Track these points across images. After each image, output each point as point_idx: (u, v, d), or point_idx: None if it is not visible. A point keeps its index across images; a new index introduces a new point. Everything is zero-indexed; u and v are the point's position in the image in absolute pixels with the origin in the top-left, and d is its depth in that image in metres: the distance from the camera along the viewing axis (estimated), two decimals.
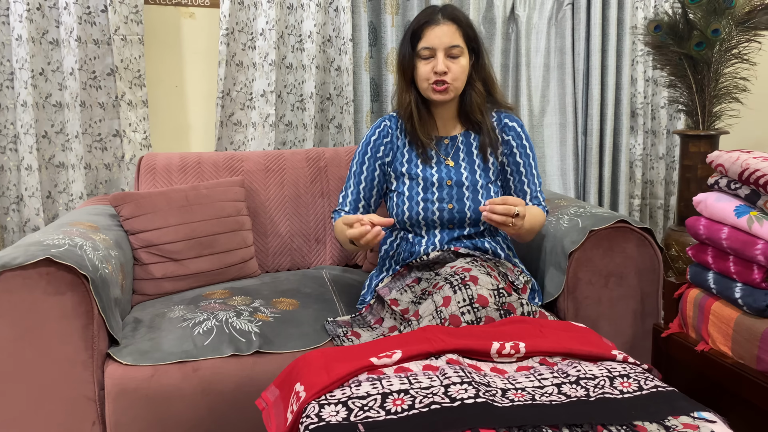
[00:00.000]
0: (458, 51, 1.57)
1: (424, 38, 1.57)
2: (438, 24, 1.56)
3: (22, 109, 2.17)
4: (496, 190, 1.66)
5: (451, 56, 1.57)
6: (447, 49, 1.56)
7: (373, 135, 1.70)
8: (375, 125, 1.72)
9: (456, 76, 1.57)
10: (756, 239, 1.32)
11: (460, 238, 1.63)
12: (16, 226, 2.26)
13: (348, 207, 1.70)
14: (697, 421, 0.98)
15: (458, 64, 1.57)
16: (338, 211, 1.72)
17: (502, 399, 1.05)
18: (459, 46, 1.56)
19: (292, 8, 2.44)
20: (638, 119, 2.90)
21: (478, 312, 1.34)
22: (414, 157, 1.66)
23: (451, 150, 1.67)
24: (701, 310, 1.48)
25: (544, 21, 2.73)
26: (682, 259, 2.53)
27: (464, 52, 1.58)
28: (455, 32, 1.56)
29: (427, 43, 1.56)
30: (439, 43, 1.55)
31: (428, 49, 1.56)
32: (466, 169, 1.64)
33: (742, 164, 1.36)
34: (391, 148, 1.69)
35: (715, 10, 2.39)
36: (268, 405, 1.21)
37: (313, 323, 1.59)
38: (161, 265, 1.78)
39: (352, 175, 1.71)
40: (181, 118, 2.49)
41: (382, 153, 1.68)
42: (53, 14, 2.21)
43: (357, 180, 1.70)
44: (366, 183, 1.69)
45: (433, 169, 1.64)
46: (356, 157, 1.71)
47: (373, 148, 1.69)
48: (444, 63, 1.55)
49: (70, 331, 1.37)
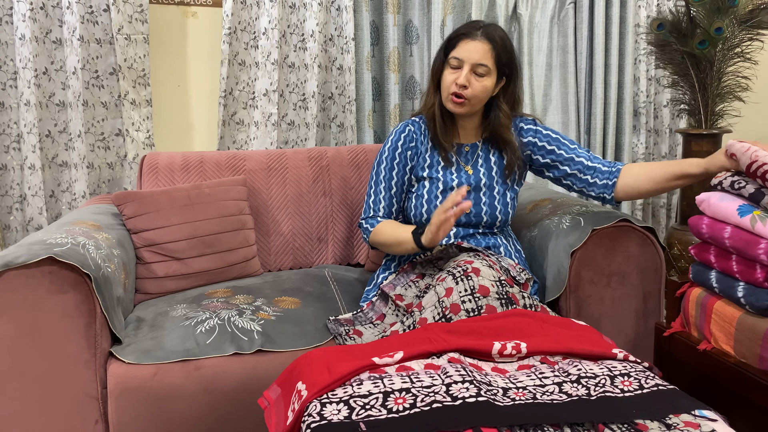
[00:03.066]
0: (484, 70, 1.56)
1: (457, 49, 1.58)
2: (474, 39, 1.56)
3: (26, 108, 2.18)
4: (513, 196, 1.70)
5: (477, 74, 1.57)
6: (474, 65, 1.56)
7: (400, 140, 1.70)
8: (398, 130, 1.72)
9: (475, 93, 1.57)
10: (759, 238, 1.31)
11: (474, 235, 1.67)
12: (20, 225, 2.27)
13: (382, 212, 1.70)
14: (698, 420, 0.98)
15: (481, 83, 1.57)
16: (370, 219, 1.71)
17: (503, 398, 1.05)
18: (486, 66, 1.56)
19: (294, 7, 2.44)
20: (641, 118, 2.90)
21: (479, 301, 1.36)
22: (435, 162, 1.68)
23: (471, 157, 1.69)
24: (703, 310, 1.48)
25: (547, 20, 2.73)
26: (684, 258, 2.53)
27: (491, 72, 1.58)
28: (488, 51, 1.56)
29: (458, 53, 1.57)
30: (468, 56, 1.56)
31: (457, 59, 1.57)
32: (484, 175, 1.67)
33: (752, 155, 1.35)
34: (416, 152, 1.70)
35: (718, 9, 2.38)
36: (269, 404, 1.22)
37: (315, 322, 1.59)
38: (164, 264, 1.78)
39: (382, 181, 1.70)
40: (183, 117, 2.50)
41: (408, 158, 1.70)
42: (56, 14, 2.21)
43: (387, 185, 1.70)
44: (397, 188, 1.70)
45: (453, 174, 1.67)
46: (384, 163, 1.70)
47: (401, 154, 1.69)
48: (467, 77, 1.56)
49: (72, 330, 1.37)
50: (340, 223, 2.14)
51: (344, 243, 2.14)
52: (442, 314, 1.36)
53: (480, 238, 1.67)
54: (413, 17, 2.62)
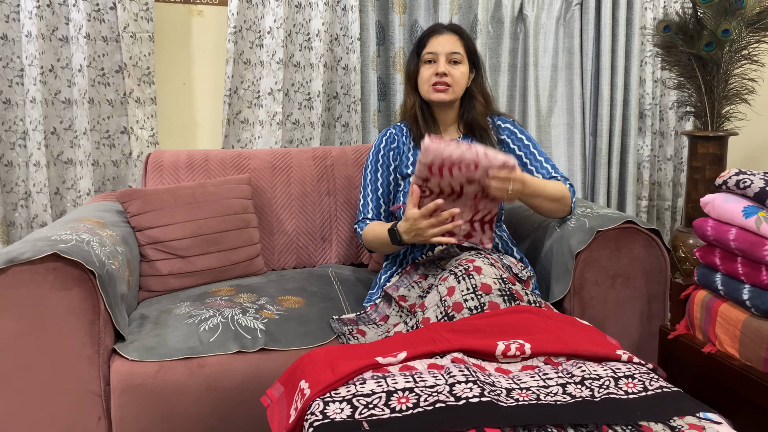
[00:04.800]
0: (459, 57, 1.70)
1: (429, 45, 1.71)
2: (442, 33, 1.72)
3: (31, 105, 2.18)
4: None
5: (453, 61, 1.69)
6: (448, 55, 1.69)
7: (382, 143, 1.80)
8: (381, 135, 1.83)
9: (456, 80, 1.69)
10: (764, 240, 1.31)
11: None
12: (24, 222, 2.28)
13: (371, 214, 1.76)
14: (702, 422, 0.98)
15: (458, 69, 1.70)
16: (360, 222, 1.76)
17: (506, 398, 1.05)
18: (459, 53, 1.70)
19: (300, 7, 2.44)
20: (646, 120, 2.89)
21: (482, 298, 1.36)
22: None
23: None
24: (708, 312, 1.48)
25: (553, 21, 2.72)
26: (689, 260, 2.52)
27: (464, 60, 1.71)
28: (457, 41, 1.71)
29: (431, 48, 1.70)
30: (441, 48, 1.69)
31: (431, 53, 1.70)
32: None
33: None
34: (398, 152, 1.78)
35: (725, 10, 2.37)
36: (272, 402, 1.21)
37: (319, 321, 1.59)
38: (168, 262, 1.78)
39: (368, 184, 1.78)
40: (188, 115, 2.50)
41: (391, 159, 1.78)
42: (63, 11, 2.22)
43: (374, 188, 1.77)
44: (383, 189, 1.77)
45: None
46: (369, 167, 1.80)
47: (384, 156, 1.79)
48: (445, 66, 1.68)
49: (76, 327, 1.37)
50: (343, 223, 2.14)
51: (348, 242, 2.14)
52: (445, 313, 1.36)
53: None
54: (419, 17, 2.62)
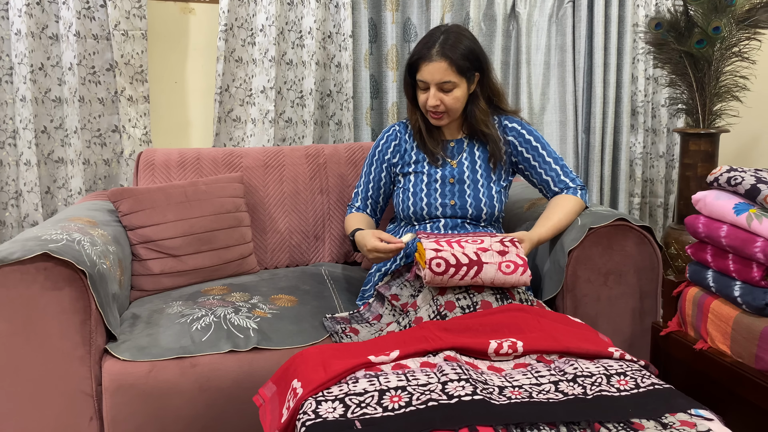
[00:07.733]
0: (450, 86, 1.62)
1: (420, 72, 1.64)
2: (431, 61, 1.61)
3: (21, 104, 2.17)
4: (499, 189, 1.73)
5: (444, 90, 1.63)
6: (438, 85, 1.62)
7: (383, 139, 1.83)
8: (385, 131, 1.85)
9: (449, 106, 1.65)
10: (755, 237, 1.31)
11: (463, 224, 1.70)
12: (15, 221, 2.26)
13: (359, 203, 1.86)
14: (694, 419, 0.98)
15: (451, 96, 1.64)
16: (350, 207, 1.88)
17: (499, 396, 1.05)
18: (450, 81, 1.62)
19: (292, 4, 2.43)
20: (638, 117, 2.90)
21: (474, 297, 1.36)
22: (421, 158, 1.75)
23: (456, 153, 1.75)
24: (700, 309, 1.48)
25: (545, 18, 2.72)
26: (681, 257, 2.53)
27: (458, 84, 1.63)
28: (447, 69, 1.60)
29: (421, 76, 1.64)
30: (431, 78, 1.62)
31: (423, 82, 1.65)
32: (468, 167, 1.73)
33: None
34: (399, 150, 1.79)
35: (716, 8, 2.38)
36: (264, 401, 1.21)
37: (312, 320, 1.58)
38: (159, 261, 1.77)
39: (363, 175, 1.86)
40: (180, 114, 2.49)
41: (389, 155, 1.80)
42: (53, 9, 2.20)
43: (366, 180, 1.85)
44: (374, 183, 1.83)
45: (437, 169, 1.73)
46: (367, 159, 1.86)
47: (381, 151, 1.82)
48: (436, 96, 1.63)
49: (67, 327, 1.37)
50: (336, 221, 2.13)
51: (341, 241, 2.14)
52: (437, 312, 1.36)
53: (469, 228, 1.71)
54: (411, 15, 2.61)
